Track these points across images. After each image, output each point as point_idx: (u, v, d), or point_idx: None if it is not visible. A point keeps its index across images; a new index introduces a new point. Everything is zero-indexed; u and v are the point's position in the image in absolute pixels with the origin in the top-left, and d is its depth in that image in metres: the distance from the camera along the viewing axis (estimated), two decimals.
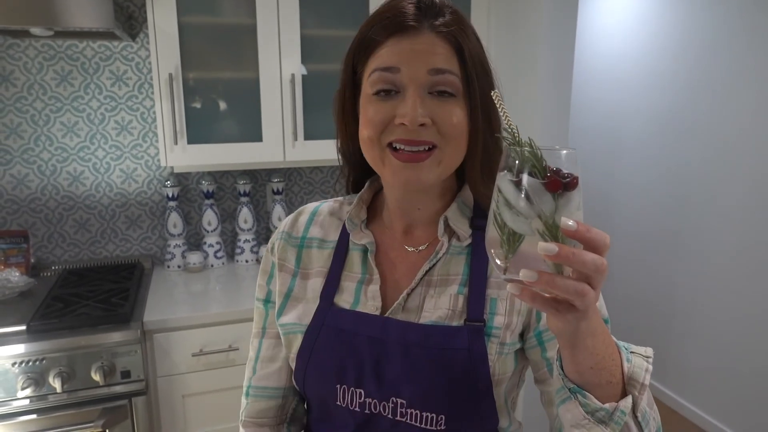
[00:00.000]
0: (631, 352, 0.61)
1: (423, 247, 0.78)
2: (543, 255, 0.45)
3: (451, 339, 0.71)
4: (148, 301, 1.74)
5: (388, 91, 0.68)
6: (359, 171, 0.82)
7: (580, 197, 0.48)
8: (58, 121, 1.95)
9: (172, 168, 2.02)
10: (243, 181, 2.12)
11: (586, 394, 0.57)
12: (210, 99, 1.85)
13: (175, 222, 2.05)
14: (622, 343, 0.62)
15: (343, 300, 0.78)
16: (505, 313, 0.73)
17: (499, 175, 0.50)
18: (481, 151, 0.71)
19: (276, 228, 1.24)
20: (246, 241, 2.14)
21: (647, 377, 0.59)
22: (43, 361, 1.47)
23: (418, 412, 0.70)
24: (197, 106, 1.83)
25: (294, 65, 1.84)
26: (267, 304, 0.86)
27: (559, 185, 0.47)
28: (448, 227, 0.77)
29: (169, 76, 1.73)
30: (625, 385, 0.59)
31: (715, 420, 2.67)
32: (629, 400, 0.58)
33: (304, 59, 1.86)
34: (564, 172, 0.48)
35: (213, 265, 2.11)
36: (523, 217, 0.48)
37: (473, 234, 0.76)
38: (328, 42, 1.89)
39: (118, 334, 1.53)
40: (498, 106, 0.55)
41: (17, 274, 1.77)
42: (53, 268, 2.01)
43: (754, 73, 2.38)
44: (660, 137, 2.90)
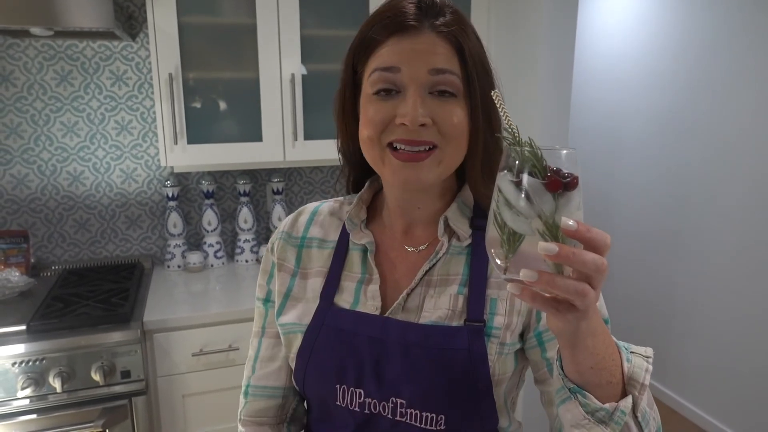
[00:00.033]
0: (631, 352, 0.61)
1: (423, 247, 0.78)
2: (543, 255, 0.45)
3: (451, 339, 0.71)
4: (148, 301, 1.74)
5: (389, 91, 0.68)
6: (359, 171, 0.82)
7: (580, 197, 0.48)
8: (58, 121, 1.95)
9: (172, 168, 2.02)
10: (243, 181, 2.12)
11: (586, 394, 0.57)
12: (210, 99, 1.85)
13: (175, 222, 2.05)
14: (622, 343, 0.62)
15: (343, 300, 0.78)
16: (505, 313, 0.73)
17: (500, 175, 0.50)
18: (481, 151, 0.71)
19: (276, 228, 1.24)
20: (246, 241, 2.14)
21: (647, 377, 0.59)
22: (43, 361, 1.48)
23: (417, 412, 0.70)
24: (197, 106, 1.83)
25: (294, 65, 1.84)
26: (267, 303, 0.86)
27: (559, 185, 0.47)
28: (448, 227, 0.77)
29: (169, 76, 1.73)
30: (625, 385, 0.59)
31: (715, 420, 2.67)
32: (629, 400, 0.58)
33: (304, 59, 1.86)
34: (564, 172, 0.48)
35: (213, 265, 2.11)
36: (524, 216, 0.48)
37: (473, 234, 0.76)
38: (328, 42, 1.89)
39: (118, 334, 1.53)
40: (498, 106, 0.55)
41: (17, 274, 1.77)
42: (53, 268, 2.01)
43: (754, 73, 2.38)
44: (660, 137, 2.90)
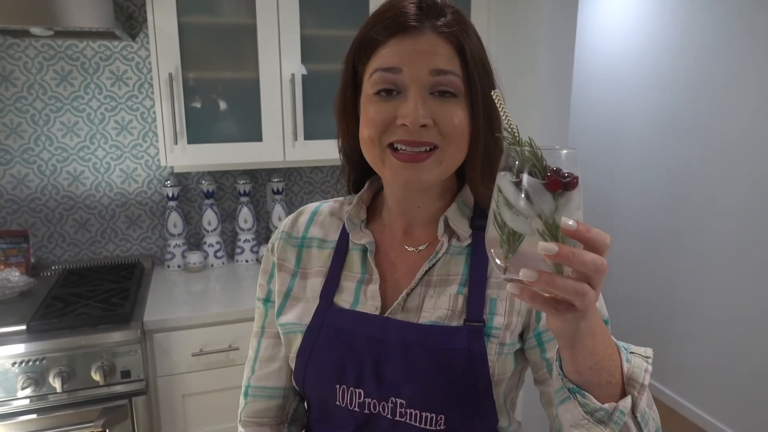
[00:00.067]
0: (631, 353, 0.61)
1: (423, 247, 0.78)
2: (543, 255, 0.45)
3: (450, 339, 0.71)
4: (148, 301, 1.74)
5: (390, 91, 0.68)
6: (360, 170, 0.82)
7: (580, 197, 0.48)
8: (58, 120, 1.95)
9: (172, 168, 2.02)
10: (243, 181, 2.12)
11: (586, 394, 0.57)
12: (210, 99, 1.85)
13: (175, 222, 2.05)
14: (621, 343, 0.62)
15: (343, 300, 0.78)
16: (504, 313, 0.72)
17: (499, 174, 0.50)
18: (481, 152, 0.71)
19: (276, 228, 1.24)
20: (246, 240, 2.14)
21: (647, 378, 0.59)
22: (43, 361, 1.48)
23: (417, 412, 0.70)
24: (197, 106, 1.83)
25: (294, 65, 1.84)
26: (267, 303, 0.86)
27: (559, 185, 0.47)
28: (448, 227, 0.76)
29: (169, 76, 1.73)
30: (625, 386, 0.59)
31: (715, 420, 2.67)
32: (628, 400, 0.58)
33: (304, 59, 1.86)
34: (564, 171, 0.48)
35: (213, 265, 2.11)
36: (523, 216, 0.48)
37: (473, 234, 0.76)
38: (328, 42, 1.89)
39: (118, 333, 1.53)
40: (498, 106, 0.55)
41: (17, 274, 1.78)
42: (53, 267, 2.01)
43: (754, 73, 2.38)
44: (660, 137, 2.90)
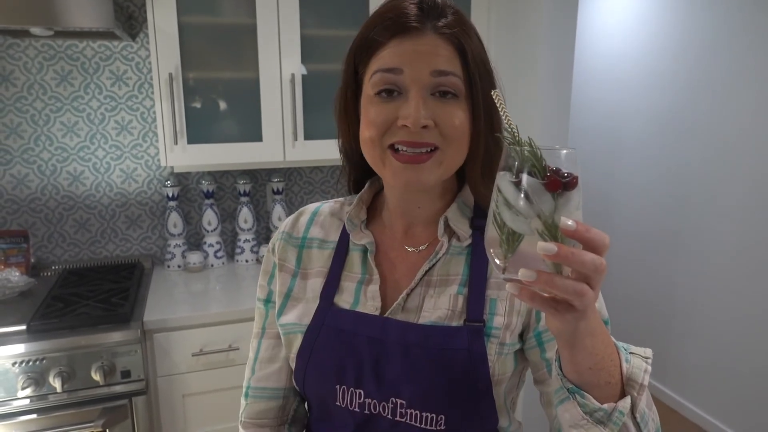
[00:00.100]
0: (630, 353, 0.61)
1: (423, 247, 0.78)
2: (542, 255, 0.45)
3: (450, 339, 0.71)
4: (148, 301, 1.74)
5: (390, 92, 0.68)
6: (361, 171, 0.82)
7: (580, 197, 0.48)
8: (58, 121, 1.95)
9: (172, 168, 2.02)
10: (243, 181, 2.12)
11: (585, 394, 0.57)
12: (210, 99, 1.85)
13: (175, 222, 2.05)
14: (621, 343, 0.62)
15: (343, 300, 0.78)
16: (504, 313, 0.72)
17: (499, 174, 0.50)
18: (482, 152, 0.71)
19: (276, 228, 1.25)
20: (246, 240, 2.14)
21: (646, 378, 0.59)
22: (43, 361, 1.48)
23: (417, 412, 0.70)
24: (197, 106, 1.83)
25: (294, 65, 1.84)
26: (267, 304, 0.86)
27: (558, 185, 0.47)
28: (448, 227, 0.76)
29: (169, 76, 1.73)
30: (624, 386, 0.59)
31: (715, 420, 2.67)
32: (628, 400, 0.58)
33: (304, 59, 1.86)
34: (564, 171, 0.48)
35: (213, 265, 2.11)
36: (523, 216, 0.48)
37: (473, 234, 0.76)
38: (328, 42, 1.89)
39: (118, 333, 1.53)
40: (498, 106, 0.55)
41: (17, 274, 1.78)
42: (53, 267, 2.01)
43: (754, 73, 2.38)
44: (660, 137, 2.90)
